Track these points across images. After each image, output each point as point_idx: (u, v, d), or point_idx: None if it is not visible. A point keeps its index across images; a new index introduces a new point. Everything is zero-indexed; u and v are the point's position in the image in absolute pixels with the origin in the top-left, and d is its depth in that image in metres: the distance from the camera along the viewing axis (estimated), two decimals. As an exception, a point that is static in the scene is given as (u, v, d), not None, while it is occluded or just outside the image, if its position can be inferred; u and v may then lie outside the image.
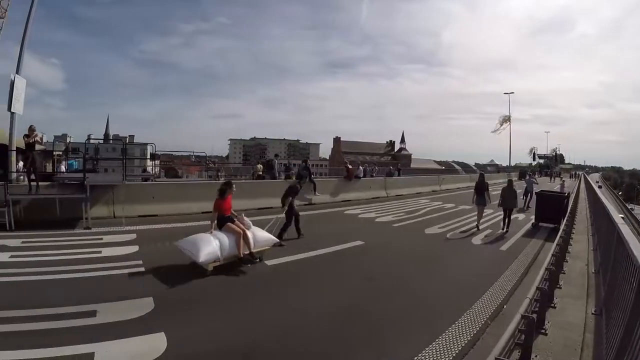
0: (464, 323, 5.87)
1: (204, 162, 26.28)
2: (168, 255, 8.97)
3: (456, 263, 9.51)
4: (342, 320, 5.91)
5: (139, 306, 6.02)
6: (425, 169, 70.67)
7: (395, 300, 6.78)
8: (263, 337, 5.23)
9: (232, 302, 6.50)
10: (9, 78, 14.08)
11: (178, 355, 4.68)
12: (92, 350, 4.61)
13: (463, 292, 7.25)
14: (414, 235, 12.55)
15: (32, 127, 12.92)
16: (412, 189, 26.47)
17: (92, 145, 22.13)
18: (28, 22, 15.17)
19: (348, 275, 8.22)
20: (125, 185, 13.46)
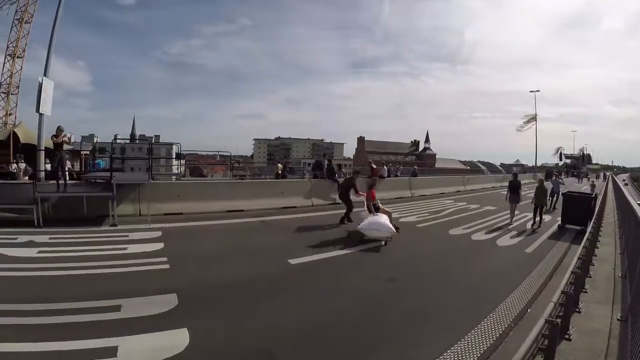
0: (487, 326, 5.73)
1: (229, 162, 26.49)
2: (192, 253, 9.09)
3: (480, 265, 9.32)
4: (364, 320, 5.84)
5: (163, 302, 6.09)
6: (449, 169, 69.78)
7: (417, 302, 6.68)
8: (285, 335, 5.21)
9: (255, 300, 6.49)
10: (37, 81, 14.38)
11: (200, 351, 4.69)
12: (116, 344, 4.67)
13: (486, 294, 7.09)
14: (438, 236, 12.37)
15: (60, 127, 13.20)
16: (437, 189, 26.12)
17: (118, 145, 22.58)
18: (54, 26, 15.49)
19: (371, 275, 8.14)
20: (151, 184, 13.63)
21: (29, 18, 49.86)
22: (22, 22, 49.74)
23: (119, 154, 21.03)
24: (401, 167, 32.71)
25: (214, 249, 9.78)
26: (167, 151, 49.86)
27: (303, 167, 55.62)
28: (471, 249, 10.84)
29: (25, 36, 50.50)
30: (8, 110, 50.11)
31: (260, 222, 13.34)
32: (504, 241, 11.84)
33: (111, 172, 13.27)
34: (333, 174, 19.79)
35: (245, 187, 17.72)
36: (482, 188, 32.27)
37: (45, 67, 15.14)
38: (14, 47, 50.25)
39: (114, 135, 62.55)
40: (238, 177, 25.80)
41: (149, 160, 15.00)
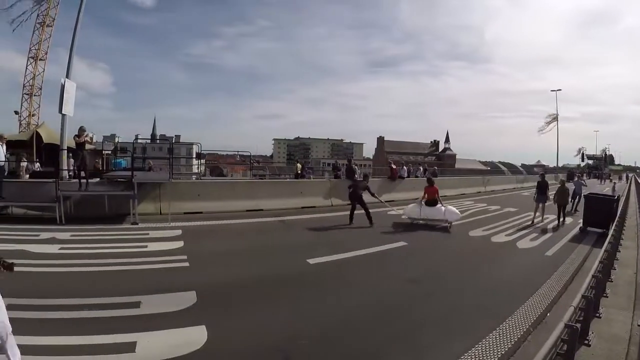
0: (506, 329, 5.61)
1: (249, 162, 26.65)
2: (212, 251, 9.15)
3: (500, 267, 9.16)
4: (383, 321, 5.78)
5: (182, 299, 6.13)
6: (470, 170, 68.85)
7: (437, 303, 6.60)
8: (303, 335, 5.17)
9: (274, 299, 6.49)
10: (60, 82, 14.67)
11: (218, 348, 4.70)
12: (134, 340, 4.72)
13: (506, 297, 6.95)
14: (458, 238, 12.22)
15: (82, 127, 13.47)
16: (457, 189, 25.80)
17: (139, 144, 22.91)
18: (76, 29, 15.87)
19: (390, 276, 8.08)
20: (172, 183, 13.77)
21: (50, 22, 51.03)
22: (43, 26, 50.90)
23: (140, 154, 21.26)
24: (421, 168, 32.35)
25: (233, 247, 9.84)
26: (188, 151, 50.27)
27: (323, 167, 55.64)
28: (491, 251, 10.67)
29: (47, 39, 51.62)
30: (31, 111, 51.33)
31: (280, 222, 13.37)
32: (524, 243, 11.63)
33: (132, 171, 13.45)
34: (353, 174, 19.75)
35: (265, 186, 17.79)
36: (503, 189, 31.82)
37: (67, 69, 15.50)
38: (36, 50, 51.36)
39: (135, 135, 63.49)
40: (258, 176, 25.96)
41: (170, 160, 15.12)
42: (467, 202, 21.61)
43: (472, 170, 70.46)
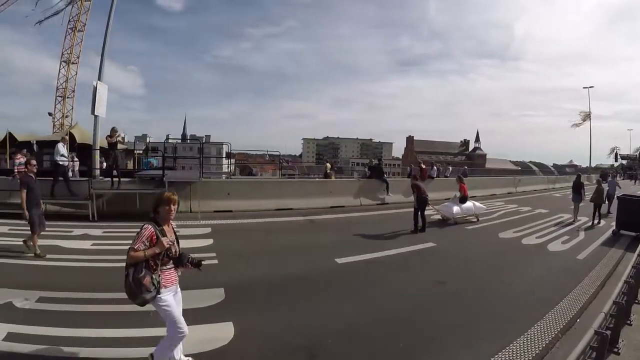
0: (534, 334, 5.43)
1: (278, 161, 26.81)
2: (241, 249, 9.24)
3: (530, 270, 8.90)
4: (409, 322, 5.70)
5: (210, 296, 6.24)
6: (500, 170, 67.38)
7: (464, 306, 6.46)
8: (328, 334, 5.16)
9: (301, 297, 6.49)
10: (92, 85, 15.07)
11: (244, 345, 4.74)
12: (163, 334, 4.73)
13: (535, 301, 6.74)
14: (488, 239, 11.96)
15: (114, 128, 13.86)
16: (487, 190, 25.21)
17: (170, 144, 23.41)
18: (107, 33, 16.37)
19: (418, 277, 7.98)
20: (202, 182, 13.97)
21: (81, 27, 53.35)
22: (75, 31, 53.28)
23: (171, 153, 21.61)
24: (450, 168, 31.87)
25: (262, 246, 9.92)
26: (218, 151, 51.15)
27: (352, 166, 55.43)
28: (521, 253, 10.40)
29: (78, 43, 54.00)
30: (64, 112, 53.58)
31: (309, 221, 13.38)
32: (555, 246, 11.28)
33: (163, 170, 13.68)
34: (382, 174, 19.63)
35: (294, 186, 17.85)
36: (534, 190, 30.96)
37: (99, 72, 15.99)
38: (68, 54, 53.72)
39: (166, 135, 64.70)
40: (287, 176, 26.04)
41: (200, 159, 15.33)
42: (497, 203, 21.14)
43: (502, 170, 69.00)
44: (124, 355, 4.46)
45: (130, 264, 3.83)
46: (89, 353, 4.41)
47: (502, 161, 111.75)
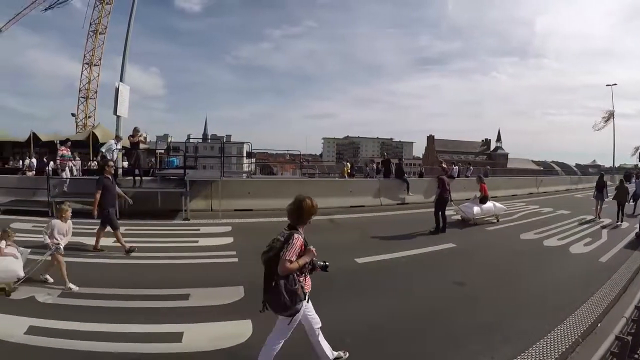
0: (554, 338, 5.30)
1: (298, 160, 26.87)
2: (261, 248, 9.15)
3: (551, 272, 8.71)
4: (427, 323, 5.62)
5: (230, 294, 6.28)
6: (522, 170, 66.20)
7: (483, 308, 6.36)
8: (347, 334, 5.13)
9: (319, 297, 6.42)
10: (114, 86, 15.38)
11: (262, 342, 4.71)
12: (182, 330, 4.89)
13: (555, 304, 6.57)
14: (508, 240, 11.75)
15: (136, 128, 14.13)
16: (508, 190, 24.76)
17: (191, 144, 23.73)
18: (128, 36, 16.77)
19: (437, 277, 7.89)
20: (223, 181, 14.07)
21: (103, 29, 55.35)
22: (97, 33, 55.32)
23: (192, 153, 21.88)
24: (471, 168, 31.45)
25: (282, 245, 9.85)
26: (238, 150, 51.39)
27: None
28: (542, 255, 10.18)
29: (100, 46, 56.16)
30: (87, 113, 55.60)
31: (329, 220, 13.37)
32: (577, 248, 11.01)
33: (184, 170, 13.83)
34: (402, 173, 19.52)
35: (314, 185, 17.89)
36: (556, 190, 30.28)
37: (120, 73, 16.33)
38: (90, 56, 55.76)
39: (187, 135, 65.51)
40: (307, 175, 26.11)
41: (221, 159, 15.45)
42: (519, 204, 20.78)
43: (524, 170, 67.91)
44: (142, 350, 4.52)
45: (282, 275, 3.83)
46: (108, 347, 4.48)
47: (524, 161, 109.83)
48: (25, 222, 10.87)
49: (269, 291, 3.88)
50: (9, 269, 5.92)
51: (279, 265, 3.78)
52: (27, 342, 4.54)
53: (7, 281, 5.89)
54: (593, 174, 51.09)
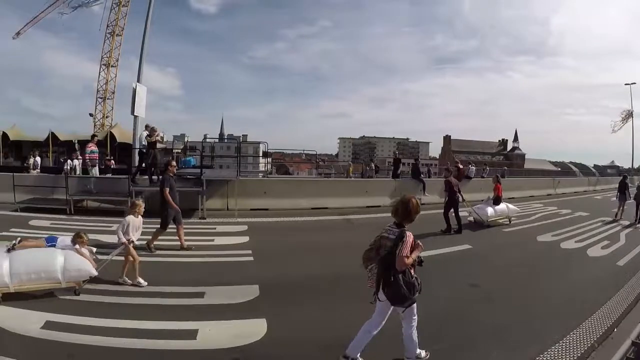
0: (569, 343, 5.17)
1: (314, 160, 26.90)
2: (277, 247, 9.32)
3: (568, 275, 8.54)
4: (442, 325, 5.54)
5: (245, 292, 6.31)
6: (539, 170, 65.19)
7: (498, 311, 6.25)
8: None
9: (335, 296, 6.47)
10: (131, 86, 15.58)
11: (276, 341, 4.77)
12: (196, 328, 4.93)
13: (572, 308, 6.43)
14: (525, 242, 11.56)
15: (153, 127, 14.24)
16: (526, 191, 24.45)
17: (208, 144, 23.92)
18: (144, 37, 17.03)
19: (452, 279, 7.78)
20: (239, 181, 14.15)
21: (119, 31, 56.91)
22: (113, 35, 56.84)
23: (209, 152, 22.04)
24: (488, 168, 31.11)
25: (297, 244, 9.96)
26: (255, 150, 51.71)
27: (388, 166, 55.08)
28: (559, 258, 9.98)
29: (117, 47, 57.66)
30: (105, 113, 56.91)
31: (345, 220, 13.37)
32: (595, 251, 10.78)
33: (201, 169, 13.94)
34: (418, 173, 19.44)
35: (330, 185, 17.91)
36: (574, 192, 29.77)
37: (138, 74, 16.57)
38: (107, 57, 57.19)
39: (204, 135, 66.25)
40: (323, 175, 26.13)
41: (237, 158, 15.54)
42: (536, 205, 20.50)
43: (541, 171, 66.95)
44: (156, 346, 4.55)
45: (400, 270, 4.12)
46: (123, 343, 4.54)
47: (541, 161, 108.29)
48: (44, 220, 11.10)
49: (390, 285, 4.14)
50: (83, 268, 6.06)
51: (397, 262, 4.06)
52: (43, 337, 4.62)
53: (79, 279, 6.04)
54: (612, 174, 50.19)
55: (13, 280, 5.56)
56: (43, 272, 5.76)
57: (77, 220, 11.24)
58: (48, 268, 5.80)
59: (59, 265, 5.85)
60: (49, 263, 5.84)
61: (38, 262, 5.82)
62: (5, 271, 5.55)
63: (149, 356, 4.39)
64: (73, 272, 5.96)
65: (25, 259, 5.81)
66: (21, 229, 9.85)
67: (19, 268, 5.64)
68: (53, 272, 5.80)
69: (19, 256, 5.84)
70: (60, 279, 5.84)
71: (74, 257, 6.09)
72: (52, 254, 6.05)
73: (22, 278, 5.63)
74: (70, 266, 5.94)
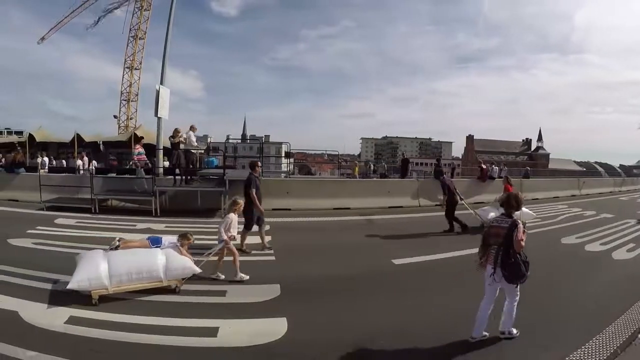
0: (591, 349, 5.01)
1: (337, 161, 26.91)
2: (298, 247, 9.33)
3: (592, 278, 8.29)
4: (460, 326, 5.42)
5: (266, 291, 6.34)
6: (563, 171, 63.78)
7: (520, 314, 6.11)
8: (381, 335, 5.06)
9: (356, 296, 6.45)
10: (155, 89, 15.79)
11: (296, 340, 4.78)
12: (217, 326, 4.98)
13: (595, 312, 6.25)
14: (549, 244, 11.23)
15: (177, 129, 14.49)
16: (549, 192, 23.91)
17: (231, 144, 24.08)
18: (167, 40, 17.37)
19: (474, 281, 7.61)
20: (262, 181, 14.16)
21: (142, 35, 58.69)
22: (136, 39, 58.68)
23: (232, 153, 22.19)
24: (505, 168, 30.53)
25: (319, 244, 9.98)
26: (277, 150, 52.05)
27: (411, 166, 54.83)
28: (583, 261, 9.71)
29: (140, 50, 59.65)
30: (129, 115, 58.46)
31: (366, 221, 13.32)
32: (620, 254, 10.45)
33: (224, 169, 14.06)
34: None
35: (352, 185, 17.86)
36: (599, 193, 28.92)
37: (161, 76, 16.85)
38: (131, 61, 59.25)
39: (227, 136, 66.94)
40: (345, 175, 26.08)
41: (260, 159, 15.64)
42: (560, 206, 20.06)
43: (566, 171, 65.54)
44: (178, 343, 4.60)
45: (518, 252, 4.90)
46: (144, 339, 4.61)
47: (566, 161, 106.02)
48: (69, 218, 11.34)
49: (509, 265, 4.90)
50: (187, 266, 6.28)
51: (515, 245, 4.84)
52: (66, 331, 4.74)
53: (182, 277, 6.23)
54: (638, 175, 48.87)
55: (112, 282, 5.68)
56: (145, 271, 5.91)
57: (101, 219, 11.49)
58: (151, 267, 5.96)
59: (161, 264, 6.04)
60: (151, 262, 6.01)
61: (140, 262, 5.99)
62: (104, 273, 5.66)
63: (169, 353, 4.44)
64: (177, 271, 6.17)
65: (126, 259, 5.98)
66: (47, 227, 10.17)
67: (119, 269, 5.77)
68: (155, 271, 5.97)
69: (118, 257, 6.01)
70: (162, 277, 5.99)
71: (176, 256, 6.34)
72: (154, 253, 6.27)
73: (122, 279, 5.75)
74: (174, 265, 6.15)
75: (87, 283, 5.51)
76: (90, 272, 5.60)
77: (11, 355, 4.18)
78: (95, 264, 5.73)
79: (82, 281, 5.50)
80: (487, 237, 5.18)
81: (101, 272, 5.62)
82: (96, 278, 5.56)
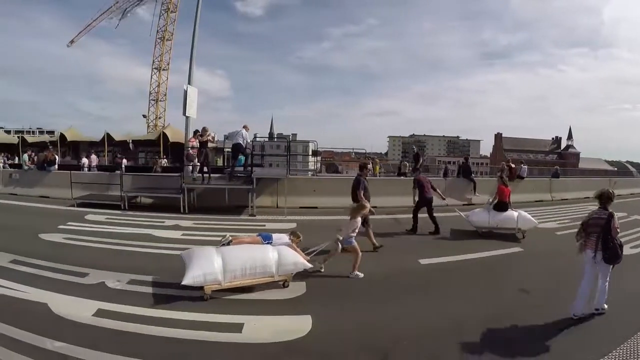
0: (619, 356, 4.81)
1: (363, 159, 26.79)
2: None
3: (622, 284, 7.87)
4: (484, 330, 5.31)
5: (292, 289, 6.36)
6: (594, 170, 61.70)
7: (545, 319, 5.87)
8: (405, 335, 5.00)
9: (382, 297, 6.39)
10: (183, 88, 15.99)
11: (320, 338, 4.78)
12: (243, 322, 5.03)
13: (623, 320, 5.91)
14: None
15: (205, 128, 14.79)
16: (580, 192, 23.20)
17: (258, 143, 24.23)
18: (193, 41, 17.51)
19: (500, 283, 7.46)
20: (289, 179, 14.27)
21: (169, 36, 60.36)
22: (164, 40, 59.85)
23: (259, 151, 22.29)
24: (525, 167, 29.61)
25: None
26: (304, 148, 52.28)
27: (438, 165, 54.21)
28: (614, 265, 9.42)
29: (167, 52, 60.73)
30: (157, 114, 60.02)
31: (392, 220, 13.20)
32: None
33: (251, 168, 14.14)
34: (469, 173, 18.98)
35: (379, 184, 17.69)
36: (631, 193, 27.74)
37: (188, 76, 17.03)
38: (159, 62, 60.54)
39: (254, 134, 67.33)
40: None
41: (287, 157, 15.68)
42: (591, 207, 19.43)
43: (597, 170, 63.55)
44: (203, 338, 4.67)
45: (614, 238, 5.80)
46: (170, 333, 4.70)
47: (597, 161, 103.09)
48: (99, 215, 11.64)
49: (609, 249, 5.74)
50: (299, 262, 6.53)
51: (613, 232, 5.76)
52: (93, 324, 4.88)
53: (294, 272, 6.49)
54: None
55: (226, 277, 5.87)
56: (259, 267, 6.10)
57: (130, 216, 11.77)
58: (265, 263, 6.15)
59: (273, 260, 6.23)
60: (265, 258, 6.21)
61: (255, 257, 6.19)
62: (218, 268, 5.85)
63: (193, 346, 4.51)
64: (290, 266, 6.40)
65: (240, 255, 6.19)
66: (77, 222, 10.45)
67: (234, 264, 5.96)
68: (269, 266, 6.17)
69: (231, 252, 6.23)
70: (274, 272, 6.20)
71: (289, 252, 6.56)
72: (267, 249, 6.46)
73: (237, 274, 5.95)
74: (287, 260, 6.36)
75: (203, 278, 5.70)
76: (206, 268, 5.78)
77: (39, 346, 4.31)
78: (210, 259, 5.93)
79: (197, 277, 5.68)
80: (587, 227, 6.10)
81: (216, 268, 5.81)
82: (211, 273, 5.76)
